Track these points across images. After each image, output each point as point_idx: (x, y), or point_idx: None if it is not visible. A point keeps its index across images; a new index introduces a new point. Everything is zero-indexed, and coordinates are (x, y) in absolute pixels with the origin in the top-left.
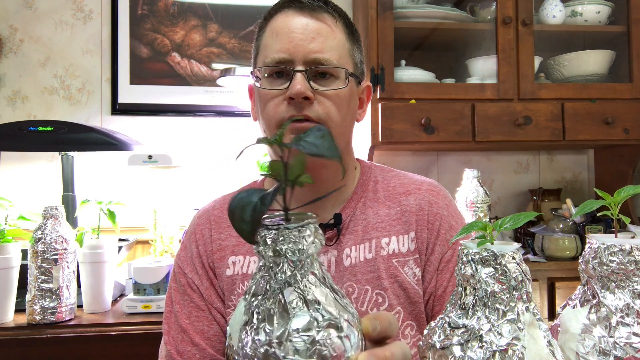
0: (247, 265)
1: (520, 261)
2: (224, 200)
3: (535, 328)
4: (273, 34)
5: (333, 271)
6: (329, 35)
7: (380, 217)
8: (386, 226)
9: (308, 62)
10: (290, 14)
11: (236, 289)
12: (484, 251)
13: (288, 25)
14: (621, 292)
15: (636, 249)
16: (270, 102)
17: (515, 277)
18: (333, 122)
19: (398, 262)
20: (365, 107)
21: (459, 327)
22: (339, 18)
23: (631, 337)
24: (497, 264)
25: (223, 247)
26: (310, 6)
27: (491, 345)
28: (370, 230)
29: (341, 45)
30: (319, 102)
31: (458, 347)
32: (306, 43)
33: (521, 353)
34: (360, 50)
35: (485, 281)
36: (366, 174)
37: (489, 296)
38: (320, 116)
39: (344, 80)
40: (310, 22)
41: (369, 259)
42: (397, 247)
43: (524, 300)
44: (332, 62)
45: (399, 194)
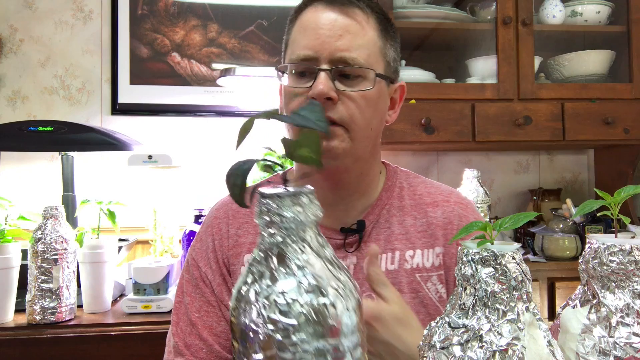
0: None
1: (520, 261)
2: None
3: (536, 328)
4: (301, 29)
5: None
6: (359, 33)
7: (405, 227)
8: (411, 238)
9: (334, 60)
10: (319, 8)
11: None
12: (484, 251)
13: (316, 21)
14: (621, 292)
15: (636, 249)
16: (293, 100)
17: (515, 277)
18: (357, 125)
19: (421, 277)
20: (397, 107)
21: (459, 327)
22: (371, 13)
23: (631, 337)
24: (497, 264)
25: (239, 244)
26: (340, 1)
27: (491, 345)
28: (394, 240)
29: (372, 44)
30: (342, 103)
31: (458, 347)
32: (333, 40)
33: (521, 353)
34: (395, 48)
35: (485, 281)
36: (391, 179)
37: (489, 296)
38: (343, 118)
39: (372, 82)
40: (339, 17)
41: (391, 270)
42: (421, 262)
43: (524, 300)
44: (359, 62)
45: (426, 205)
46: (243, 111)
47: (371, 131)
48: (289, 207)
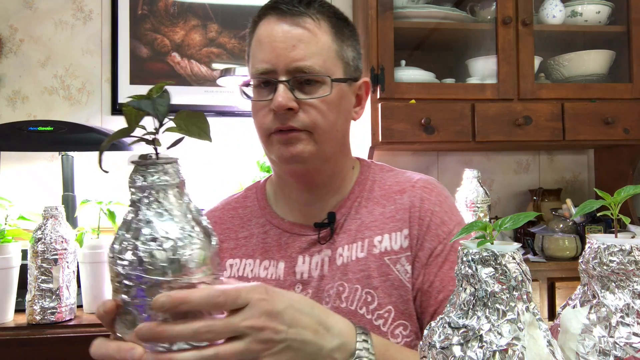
0: (243, 268)
1: (520, 261)
2: (226, 201)
3: (536, 328)
4: (257, 43)
5: (326, 270)
6: (311, 41)
7: (374, 216)
8: (380, 224)
9: (290, 70)
10: (272, 21)
11: None
12: (484, 251)
13: (269, 34)
14: (621, 292)
15: (636, 249)
16: (259, 112)
17: (515, 277)
18: (320, 129)
19: (390, 260)
20: (363, 103)
21: (459, 327)
22: (322, 19)
23: (631, 337)
24: (497, 264)
25: (222, 249)
26: (290, 12)
27: (491, 345)
28: (364, 229)
29: (326, 49)
30: (304, 111)
31: (458, 347)
32: (287, 52)
33: (521, 353)
34: (354, 46)
35: (485, 281)
36: (365, 173)
37: (489, 296)
38: (305, 125)
39: (329, 86)
40: (291, 29)
41: (360, 258)
42: (389, 245)
43: (524, 300)
44: (314, 69)
45: (394, 193)
46: (243, 111)
47: (337, 132)
48: (144, 173)
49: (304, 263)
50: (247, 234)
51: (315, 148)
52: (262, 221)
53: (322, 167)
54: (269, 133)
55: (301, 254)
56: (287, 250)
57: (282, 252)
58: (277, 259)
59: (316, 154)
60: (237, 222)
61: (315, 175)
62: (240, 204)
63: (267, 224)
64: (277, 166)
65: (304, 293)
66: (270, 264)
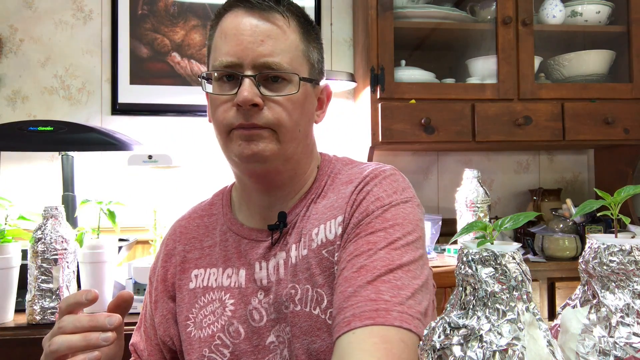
0: (207, 278)
1: (520, 261)
2: (193, 210)
3: (536, 328)
4: (222, 35)
5: (282, 274)
6: (280, 37)
7: (318, 209)
8: (319, 217)
9: (257, 66)
10: (239, 14)
11: (198, 302)
12: (484, 251)
13: (237, 27)
14: (621, 292)
15: (636, 249)
16: (220, 107)
17: (515, 277)
18: (284, 127)
19: (328, 252)
20: (325, 107)
21: (459, 327)
22: (291, 17)
23: (631, 337)
24: (497, 264)
25: (187, 260)
26: (260, 6)
27: (491, 345)
28: (307, 225)
29: (294, 47)
30: (269, 108)
31: (458, 347)
32: (255, 46)
33: (521, 353)
34: (318, 49)
35: (485, 281)
36: (323, 170)
37: (489, 296)
38: (269, 122)
39: (296, 85)
40: (260, 23)
41: (304, 255)
42: (324, 236)
43: (524, 300)
44: (282, 66)
45: (342, 184)
46: None
47: (299, 132)
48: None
49: (261, 269)
50: (211, 242)
51: (278, 147)
52: (224, 228)
53: (283, 167)
54: (230, 129)
55: (258, 260)
56: (247, 257)
57: (242, 259)
58: (238, 266)
59: (278, 153)
60: (202, 231)
61: (275, 176)
62: (206, 212)
63: (227, 232)
64: (237, 166)
65: (266, 300)
66: (232, 272)
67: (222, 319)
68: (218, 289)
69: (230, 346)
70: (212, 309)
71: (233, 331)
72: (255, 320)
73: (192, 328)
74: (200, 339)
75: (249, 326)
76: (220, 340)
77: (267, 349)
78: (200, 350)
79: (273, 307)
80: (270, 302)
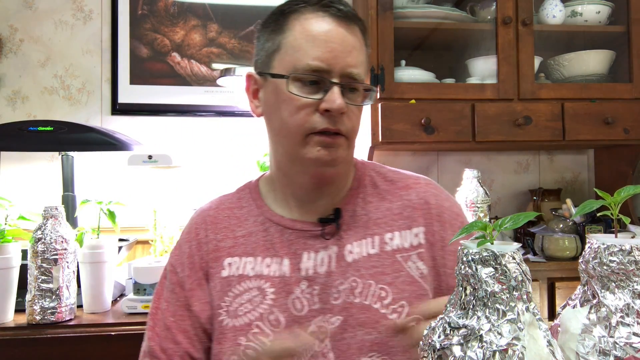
0: (243, 267)
1: (520, 261)
2: (220, 201)
3: (536, 328)
4: (308, 37)
5: (334, 267)
6: (361, 50)
7: (382, 212)
8: (388, 221)
9: (343, 75)
10: (327, 19)
11: (232, 290)
12: (484, 251)
13: (326, 33)
14: (621, 292)
15: (636, 249)
16: (301, 110)
17: (515, 277)
18: (355, 134)
19: (402, 258)
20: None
21: (459, 327)
22: (363, 30)
23: (631, 337)
24: (497, 264)
25: (219, 248)
26: (346, 16)
27: (491, 345)
28: (372, 226)
29: (365, 59)
30: (347, 116)
31: (458, 347)
32: (344, 55)
33: (521, 353)
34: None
35: (485, 281)
36: (360, 170)
37: (489, 296)
38: (348, 130)
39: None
40: (347, 34)
41: (372, 254)
42: (400, 243)
43: (524, 300)
44: (361, 77)
45: (399, 189)
46: (243, 111)
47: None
48: None
49: (309, 259)
50: (245, 232)
51: (347, 153)
52: (262, 219)
53: (344, 171)
54: (309, 132)
55: (306, 250)
56: (291, 247)
57: (286, 249)
58: (281, 255)
59: (347, 158)
60: (233, 221)
61: (334, 177)
62: (234, 204)
63: (267, 222)
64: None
65: (309, 290)
66: (273, 261)
67: (261, 308)
68: (256, 278)
69: (271, 335)
70: (248, 297)
71: (273, 320)
72: (297, 309)
73: (225, 317)
74: (234, 327)
75: (289, 315)
76: (259, 329)
77: None
78: (235, 339)
79: (318, 297)
80: (315, 293)
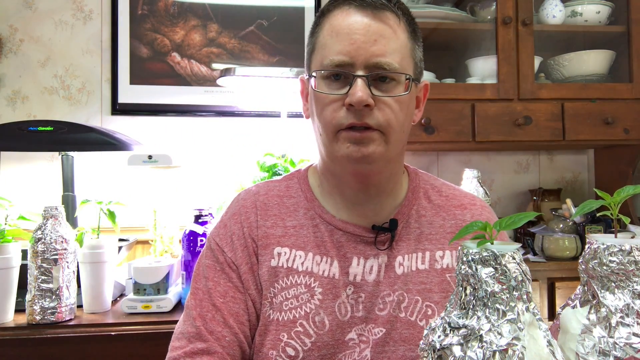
0: (293, 260)
1: (520, 261)
2: (268, 187)
3: (536, 328)
4: (332, 33)
5: (382, 276)
6: (392, 37)
7: (434, 228)
8: (440, 239)
9: (369, 66)
10: (351, 12)
11: (279, 282)
12: (484, 251)
13: (349, 25)
14: (621, 292)
15: (636, 249)
16: (328, 106)
17: (515, 277)
18: (392, 128)
19: (451, 278)
20: (421, 106)
21: (459, 327)
22: (402, 16)
23: (631, 337)
24: (497, 264)
25: (268, 235)
26: (372, 4)
27: (491, 345)
28: (424, 240)
29: (404, 47)
30: (379, 109)
31: (458, 347)
32: (368, 45)
33: (521, 353)
34: (421, 47)
35: (485, 281)
36: (414, 181)
37: (489, 296)
38: (380, 123)
39: (405, 85)
40: (373, 22)
41: (421, 269)
42: (450, 262)
43: (524, 300)
44: (393, 66)
45: (454, 207)
46: (243, 111)
47: (403, 133)
48: None
49: (359, 265)
50: (296, 223)
51: (385, 149)
52: (311, 214)
53: (385, 168)
54: (339, 129)
55: (356, 255)
56: (341, 249)
57: (335, 250)
58: (332, 256)
59: (384, 155)
60: (283, 210)
61: (375, 176)
62: (284, 192)
63: (316, 218)
64: (338, 164)
65: (355, 296)
66: (323, 260)
67: (308, 307)
68: (305, 274)
69: (314, 336)
70: (295, 293)
71: (319, 321)
72: (342, 314)
73: (269, 308)
74: (278, 321)
75: (334, 319)
76: (303, 328)
77: (345, 344)
78: (278, 334)
79: (362, 305)
80: (361, 300)
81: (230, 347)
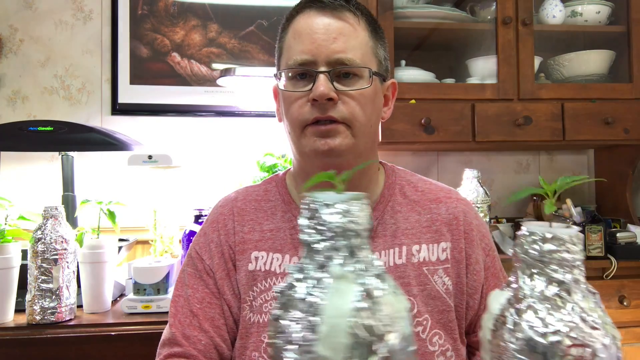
0: (270, 262)
1: (346, 214)
2: (246, 191)
3: (350, 283)
4: (295, 35)
5: None
6: (352, 34)
7: (410, 222)
8: (416, 233)
9: (331, 62)
10: (311, 14)
11: (257, 285)
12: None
13: (310, 26)
14: (538, 278)
15: (555, 238)
16: (294, 103)
17: (330, 229)
18: (358, 122)
19: (428, 271)
20: (390, 104)
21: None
22: (361, 16)
23: (536, 321)
24: (318, 215)
25: (245, 241)
26: (331, 5)
27: (296, 292)
28: (400, 235)
29: (364, 44)
30: (343, 103)
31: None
32: (328, 43)
33: (305, 298)
34: (384, 47)
35: (305, 231)
36: (391, 177)
37: (305, 245)
38: (344, 117)
39: (368, 80)
40: (332, 21)
41: (399, 264)
42: (427, 256)
43: (344, 255)
44: (355, 62)
45: (429, 201)
46: (243, 111)
47: (371, 127)
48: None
49: None
50: (273, 227)
51: (352, 142)
52: (289, 216)
53: (355, 162)
54: (305, 125)
55: None
56: None
57: None
58: None
59: (352, 147)
60: (260, 214)
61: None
62: (262, 197)
63: (294, 220)
64: (308, 160)
65: None
66: None
67: None
68: (283, 276)
69: None
70: (274, 295)
71: None
72: None
73: (249, 311)
74: (259, 323)
75: None
76: None
77: None
78: (259, 336)
79: None
80: None
81: (207, 351)
